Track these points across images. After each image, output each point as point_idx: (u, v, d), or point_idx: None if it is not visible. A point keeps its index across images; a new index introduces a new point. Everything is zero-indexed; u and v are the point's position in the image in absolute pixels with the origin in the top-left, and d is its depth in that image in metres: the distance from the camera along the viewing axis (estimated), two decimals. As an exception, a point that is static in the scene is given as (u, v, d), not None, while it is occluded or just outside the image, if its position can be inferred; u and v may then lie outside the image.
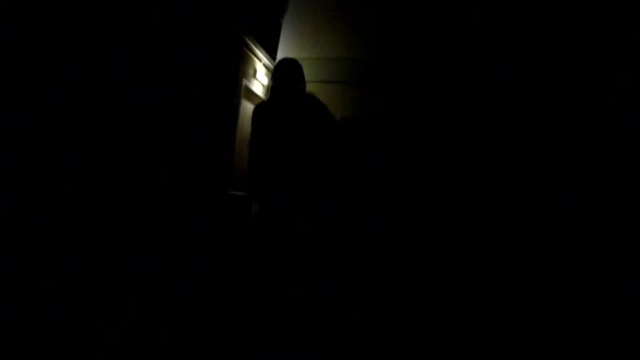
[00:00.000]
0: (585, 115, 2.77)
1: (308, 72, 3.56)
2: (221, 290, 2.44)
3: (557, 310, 2.43)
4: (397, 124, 3.44)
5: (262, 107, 2.36)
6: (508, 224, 2.87)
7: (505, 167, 2.99)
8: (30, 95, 1.81)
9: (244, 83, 3.41)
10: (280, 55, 4.16)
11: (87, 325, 1.75)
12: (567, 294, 2.54)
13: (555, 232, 2.69)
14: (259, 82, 3.72)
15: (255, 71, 3.61)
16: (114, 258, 2.31)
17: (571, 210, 2.67)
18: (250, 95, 3.57)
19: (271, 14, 4.12)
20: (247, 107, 3.57)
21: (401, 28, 3.56)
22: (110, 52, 2.28)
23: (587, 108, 2.77)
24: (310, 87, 2.81)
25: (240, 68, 3.40)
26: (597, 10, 2.76)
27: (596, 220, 2.60)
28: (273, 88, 2.34)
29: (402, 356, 1.91)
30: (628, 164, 2.60)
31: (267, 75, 3.89)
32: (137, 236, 2.52)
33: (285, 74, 2.32)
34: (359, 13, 3.77)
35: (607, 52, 2.74)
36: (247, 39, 3.42)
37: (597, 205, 2.63)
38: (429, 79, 3.42)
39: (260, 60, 3.75)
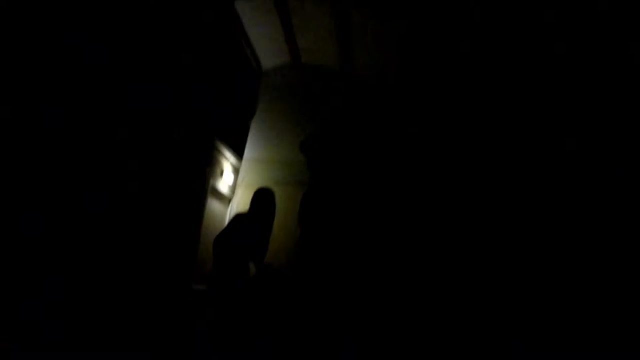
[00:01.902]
0: None
1: (270, 175, 3.94)
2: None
3: None
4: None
5: (239, 218, 3.16)
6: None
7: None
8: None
9: (211, 183, 3.71)
10: (247, 154, 4.57)
11: None
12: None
13: None
14: (226, 181, 4.04)
15: (222, 172, 3.95)
16: None
17: None
18: (217, 193, 3.86)
19: (241, 116, 4.59)
20: (213, 205, 3.84)
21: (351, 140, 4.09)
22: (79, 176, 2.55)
23: None
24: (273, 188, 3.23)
25: (209, 169, 3.72)
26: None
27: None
28: (251, 210, 3.13)
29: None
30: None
31: (233, 173, 4.23)
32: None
33: (261, 205, 3.13)
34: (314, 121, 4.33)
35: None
36: (217, 142, 3.78)
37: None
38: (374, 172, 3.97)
39: (228, 160, 4.10)
